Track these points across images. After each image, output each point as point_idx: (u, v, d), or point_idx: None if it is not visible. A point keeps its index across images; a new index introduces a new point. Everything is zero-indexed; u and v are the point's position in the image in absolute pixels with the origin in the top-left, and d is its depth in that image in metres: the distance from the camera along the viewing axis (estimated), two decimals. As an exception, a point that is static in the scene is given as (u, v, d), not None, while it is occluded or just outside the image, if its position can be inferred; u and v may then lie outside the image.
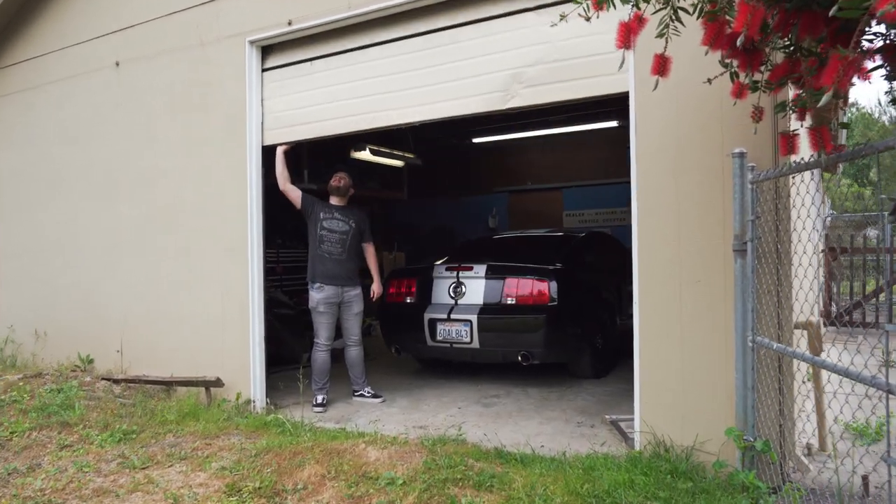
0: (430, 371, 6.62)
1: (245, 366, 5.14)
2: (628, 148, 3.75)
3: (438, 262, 6.18)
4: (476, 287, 5.72)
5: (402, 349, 6.16)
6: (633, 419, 3.88)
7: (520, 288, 5.56)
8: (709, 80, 2.75)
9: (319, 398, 5.22)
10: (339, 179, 5.46)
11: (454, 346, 5.70)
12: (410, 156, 9.86)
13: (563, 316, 5.56)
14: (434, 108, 4.45)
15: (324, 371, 5.26)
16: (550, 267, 5.68)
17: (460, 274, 5.80)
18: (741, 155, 3.16)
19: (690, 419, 3.49)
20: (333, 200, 5.47)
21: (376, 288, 5.57)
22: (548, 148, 11.67)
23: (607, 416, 4.62)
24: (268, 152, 5.26)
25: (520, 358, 5.50)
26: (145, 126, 5.84)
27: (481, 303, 5.66)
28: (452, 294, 5.81)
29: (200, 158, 5.46)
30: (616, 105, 9.40)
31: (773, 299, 3.29)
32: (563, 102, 3.93)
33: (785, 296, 3.28)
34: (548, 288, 5.48)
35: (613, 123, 10.36)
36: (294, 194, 5.35)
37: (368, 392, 5.44)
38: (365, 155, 8.99)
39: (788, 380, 3.32)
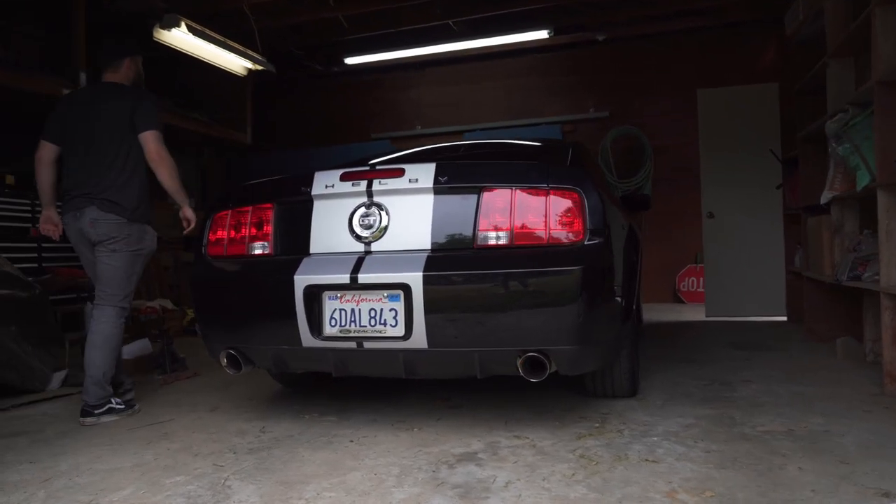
0: (316, 396, 3.34)
1: None
2: None
3: (325, 170, 2.87)
4: (413, 213, 2.54)
5: (247, 357, 2.79)
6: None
7: (518, 209, 2.46)
8: None
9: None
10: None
11: (365, 345, 2.50)
12: (257, 56, 6.33)
13: (613, 270, 2.56)
14: None
15: None
16: (578, 169, 2.65)
17: (375, 187, 2.59)
18: None
19: None
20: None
21: None
22: (445, 80, 9.09)
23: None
24: None
25: (520, 368, 2.42)
26: None
27: (428, 246, 2.50)
28: (359, 230, 2.59)
29: None
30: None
31: None
32: None
33: None
34: (581, 206, 2.43)
35: (542, 34, 7.58)
36: None
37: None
38: (178, 37, 5.39)
39: None
